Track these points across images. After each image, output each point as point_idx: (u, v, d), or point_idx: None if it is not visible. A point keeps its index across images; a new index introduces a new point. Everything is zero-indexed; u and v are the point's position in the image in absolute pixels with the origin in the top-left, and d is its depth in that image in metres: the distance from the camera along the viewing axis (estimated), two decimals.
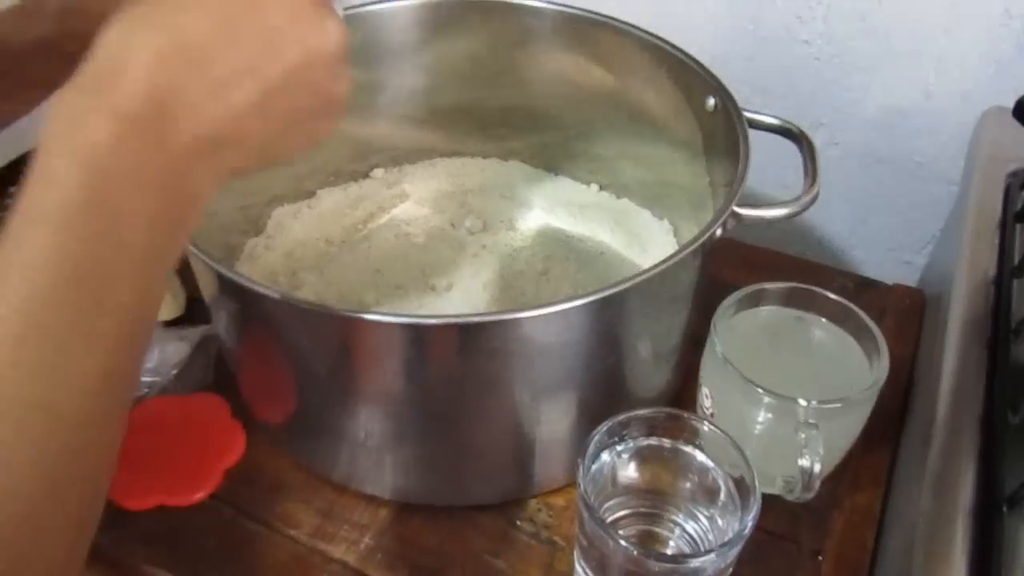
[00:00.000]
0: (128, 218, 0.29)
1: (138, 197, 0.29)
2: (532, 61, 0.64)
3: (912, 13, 0.66)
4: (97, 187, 0.28)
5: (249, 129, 0.32)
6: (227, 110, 0.31)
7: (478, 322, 0.42)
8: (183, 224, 0.32)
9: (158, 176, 0.30)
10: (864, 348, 0.48)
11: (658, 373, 0.52)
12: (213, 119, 0.31)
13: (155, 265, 0.31)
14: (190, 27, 0.30)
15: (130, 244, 0.29)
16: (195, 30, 0.30)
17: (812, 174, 0.48)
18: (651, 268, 0.42)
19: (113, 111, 0.29)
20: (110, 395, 0.30)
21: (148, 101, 0.29)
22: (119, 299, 0.29)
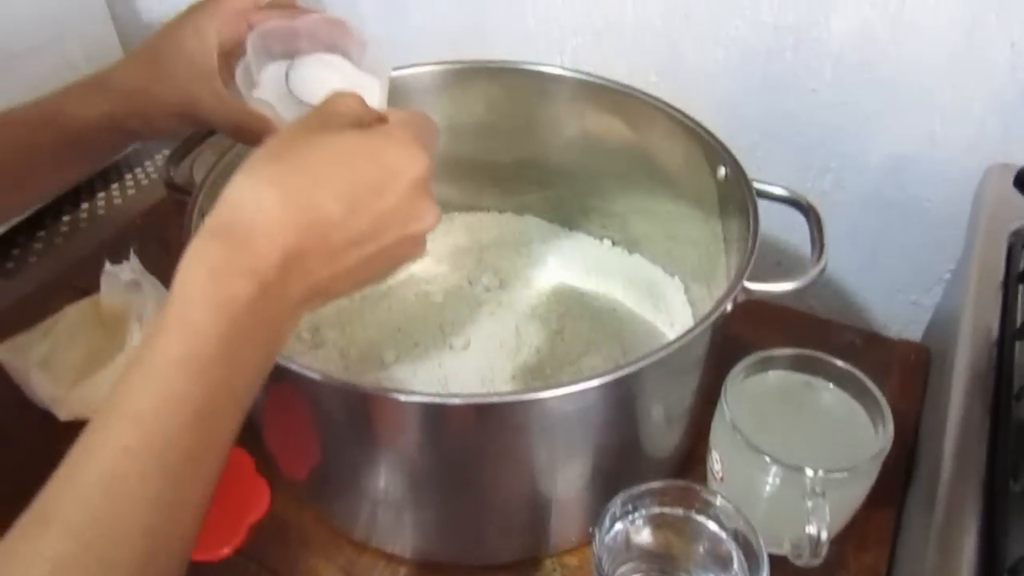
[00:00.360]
0: (244, 367, 0.33)
1: (255, 349, 0.33)
2: (548, 120, 0.66)
3: (918, 64, 0.67)
4: (231, 341, 0.32)
5: (339, 286, 0.37)
6: (330, 274, 0.35)
7: (497, 403, 0.43)
8: (269, 363, 0.36)
9: (272, 329, 0.34)
10: (870, 413, 0.50)
11: (671, 434, 0.54)
12: (321, 280, 0.35)
13: (247, 403, 0.34)
14: (323, 204, 0.34)
15: (240, 388, 0.33)
16: (326, 208, 0.34)
17: (820, 247, 0.49)
18: (665, 347, 0.44)
19: (252, 271, 0.32)
20: (203, 513, 0.33)
21: (279, 266, 0.33)
22: (223, 436, 0.33)
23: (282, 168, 0.35)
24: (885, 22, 0.66)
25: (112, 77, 0.55)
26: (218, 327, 0.31)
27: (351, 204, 0.35)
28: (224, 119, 0.53)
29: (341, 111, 0.39)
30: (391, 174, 0.36)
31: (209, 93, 0.53)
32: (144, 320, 0.59)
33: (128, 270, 0.62)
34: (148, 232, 0.79)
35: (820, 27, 0.69)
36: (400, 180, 0.37)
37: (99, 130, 0.54)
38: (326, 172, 0.35)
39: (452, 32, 0.86)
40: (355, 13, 0.89)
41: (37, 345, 0.60)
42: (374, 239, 0.36)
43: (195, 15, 0.54)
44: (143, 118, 0.54)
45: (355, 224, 0.35)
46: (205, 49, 0.53)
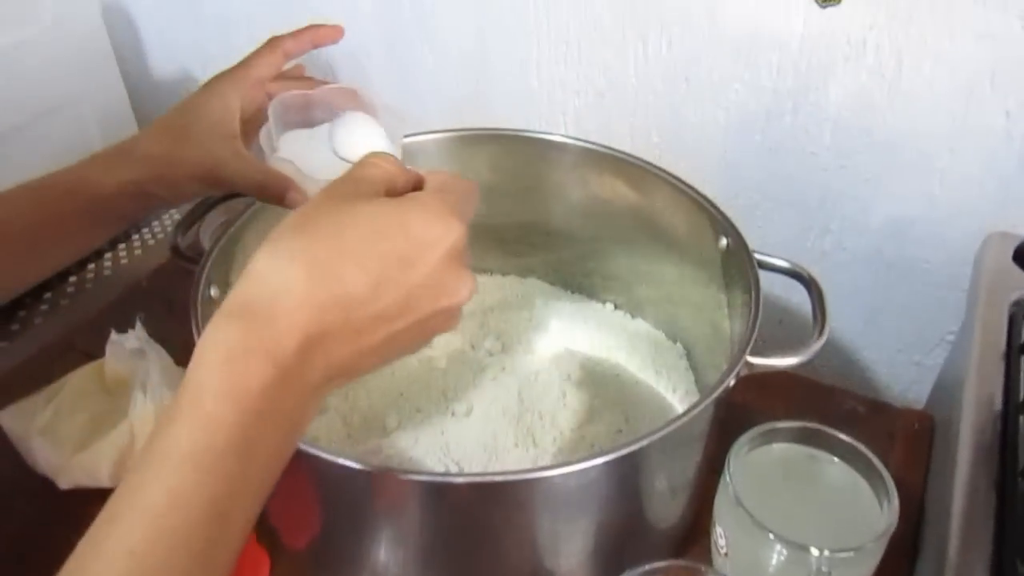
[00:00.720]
0: (260, 457, 0.31)
1: (272, 436, 0.32)
2: (552, 185, 0.67)
3: (916, 129, 0.68)
4: (245, 431, 0.30)
5: (364, 364, 0.35)
6: (355, 352, 0.34)
7: (500, 481, 0.43)
8: (290, 448, 0.34)
9: (290, 414, 0.32)
10: (875, 489, 0.49)
11: (675, 506, 0.54)
12: (344, 359, 0.33)
13: (264, 493, 0.33)
14: (347, 279, 0.33)
15: (257, 479, 0.31)
16: (351, 283, 0.33)
17: (821, 321, 0.50)
18: (668, 423, 0.44)
19: (269, 356, 0.31)
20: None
21: (299, 348, 0.31)
22: (238, 530, 0.31)
23: (305, 241, 0.33)
24: (882, 89, 0.67)
25: (136, 144, 0.56)
26: (232, 416, 0.30)
27: (378, 279, 0.33)
28: (248, 179, 0.54)
29: (373, 176, 0.37)
30: (421, 246, 0.34)
31: (232, 154, 0.55)
32: (148, 388, 0.59)
33: (133, 338, 0.62)
34: (154, 295, 0.79)
35: (818, 92, 0.70)
36: (431, 252, 0.35)
37: (123, 196, 0.56)
38: (352, 244, 0.33)
39: (457, 93, 0.87)
40: (363, 81, 0.91)
41: (40, 411, 0.60)
42: (403, 315, 0.34)
43: (218, 83, 0.56)
44: (167, 182, 0.55)
45: (382, 300, 0.34)
46: (228, 114, 0.55)
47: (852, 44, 0.66)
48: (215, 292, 0.53)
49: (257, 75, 0.57)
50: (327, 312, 0.32)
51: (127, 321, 0.66)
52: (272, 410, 0.31)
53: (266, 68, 0.58)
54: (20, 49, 0.75)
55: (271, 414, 0.31)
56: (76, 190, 0.55)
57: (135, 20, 1.03)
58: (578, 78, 0.80)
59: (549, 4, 0.76)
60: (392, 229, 0.34)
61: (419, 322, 0.35)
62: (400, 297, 0.34)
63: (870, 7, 0.64)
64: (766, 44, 0.69)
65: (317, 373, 0.32)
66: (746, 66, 0.71)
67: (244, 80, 0.57)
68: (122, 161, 0.56)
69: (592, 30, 0.76)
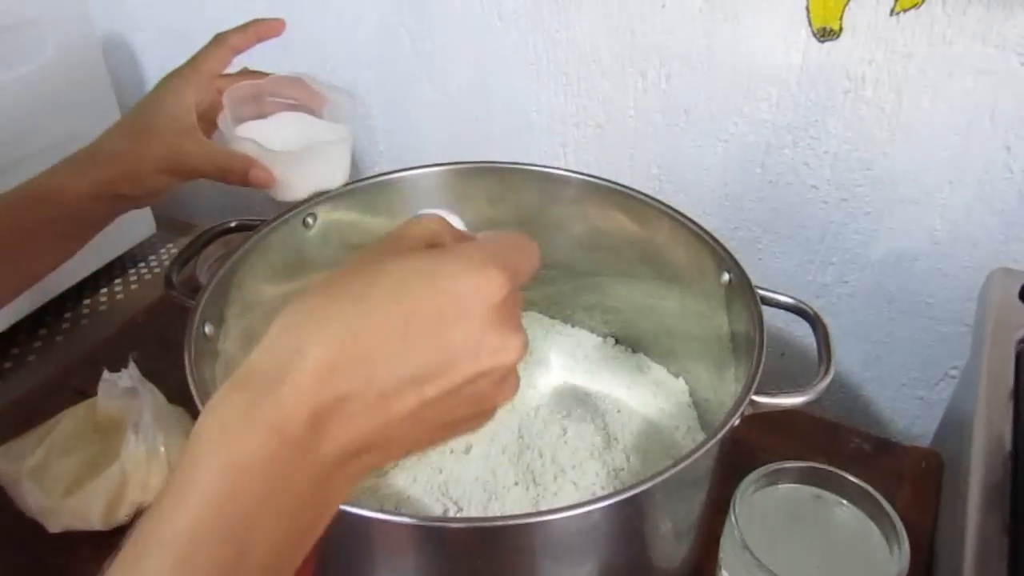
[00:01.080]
0: (261, 545, 0.27)
1: (277, 523, 0.27)
2: (552, 218, 0.66)
3: (916, 163, 0.68)
4: (239, 515, 0.27)
5: (399, 436, 0.30)
6: (383, 421, 0.29)
7: (499, 525, 0.42)
8: (313, 532, 0.30)
9: (298, 495, 0.28)
10: (883, 531, 0.48)
11: (680, 548, 0.52)
12: (366, 430, 0.29)
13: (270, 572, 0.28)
14: (367, 334, 0.28)
15: (259, 567, 0.27)
16: (371, 338, 0.28)
17: (827, 359, 0.49)
18: (672, 465, 0.43)
19: (272, 428, 0.27)
20: None
21: (309, 419, 0.27)
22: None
23: (324, 300, 0.29)
24: (882, 123, 0.67)
25: (100, 146, 0.57)
26: (223, 497, 0.26)
27: (404, 336, 0.29)
28: (211, 163, 0.57)
29: (413, 234, 0.33)
30: (456, 299, 0.30)
31: (193, 142, 0.57)
32: (140, 428, 0.58)
33: (126, 377, 0.61)
34: (149, 331, 0.79)
35: (818, 126, 0.70)
36: (466, 305, 0.30)
37: (91, 199, 0.56)
38: (375, 302, 0.29)
39: (456, 126, 0.87)
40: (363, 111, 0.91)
41: (31, 453, 0.59)
42: (437, 377, 0.29)
43: (171, 81, 0.58)
44: (133, 179, 0.56)
45: (411, 360, 0.29)
46: (184, 109, 0.57)
47: (851, 78, 0.67)
48: (209, 329, 0.53)
49: (207, 69, 0.59)
50: (343, 376, 0.28)
51: (122, 358, 0.65)
52: (277, 490, 0.27)
53: (215, 62, 0.59)
54: (20, 84, 0.75)
55: (276, 495, 0.27)
56: (45, 197, 0.55)
57: (135, 55, 1.04)
58: (577, 110, 0.80)
59: (548, 37, 0.77)
60: (420, 281, 0.30)
61: (460, 387, 0.30)
62: (432, 356, 0.29)
63: (869, 42, 0.64)
64: (765, 77, 0.69)
65: (334, 448, 0.28)
66: (745, 99, 0.71)
67: (195, 75, 0.58)
68: (88, 164, 0.56)
69: (591, 62, 0.76)
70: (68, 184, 0.55)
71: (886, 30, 0.63)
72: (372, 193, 0.64)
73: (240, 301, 0.58)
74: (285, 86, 0.62)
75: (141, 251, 0.92)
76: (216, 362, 0.55)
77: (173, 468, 0.60)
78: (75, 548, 0.58)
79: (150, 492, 0.58)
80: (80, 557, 0.58)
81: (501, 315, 0.30)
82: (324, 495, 0.29)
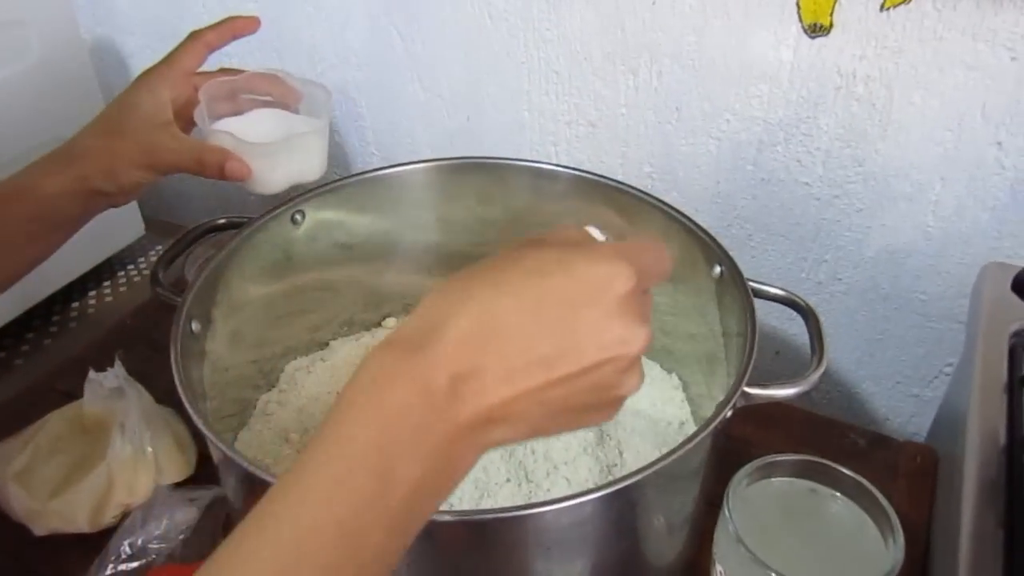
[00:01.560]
0: (401, 484, 0.30)
1: (410, 464, 0.30)
2: (543, 214, 0.66)
3: (907, 160, 0.68)
4: (382, 451, 0.29)
5: (525, 413, 0.32)
6: (512, 395, 0.31)
7: (490, 519, 0.42)
8: (440, 491, 0.32)
9: (433, 447, 0.30)
10: (878, 525, 0.48)
11: (673, 543, 0.52)
12: (496, 402, 0.31)
13: (406, 527, 0.31)
14: (502, 312, 0.31)
15: (395, 509, 0.30)
16: (506, 316, 0.31)
17: (819, 351, 0.49)
18: (664, 456, 0.42)
19: (415, 382, 0.30)
20: None
21: (448, 381, 0.30)
22: (370, 557, 0.30)
23: (471, 280, 0.32)
24: (873, 119, 0.67)
25: (75, 144, 0.57)
26: (369, 433, 0.30)
27: (535, 317, 0.31)
28: (186, 156, 0.57)
29: (555, 236, 0.35)
30: (586, 286, 0.32)
31: (168, 137, 0.57)
32: (126, 428, 0.57)
33: (112, 376, 0.61)
34: (137, 333, 0.78)
35: (809, 123, 0.70)
36: (597, 294, 0.32)
37: (66, 195, 0.56)
38: (513, 283, 0.32)
39: (448, 126, 0.87)
40: (353, 112, 0.91)
41: (17, 455, 0.58)
42: (563, 360, 0.31)
43: (147, 78, 0.59)
44: (110, 174, 0.56)
45: (541, 342, 0.31)
46: (159, 105, 0.57)
47: (842, 75, 0.66)
48: (196, 327, 0.52)
49: (182, 66, 0.59)
50: (479, 348, 0.31)
51: (109, 361, 0.64)
52: (414, 436, 0.30)
53: (190, 59, 0.59)
54: (6, 87, 0.75)
55: (414, 443, 0.30)
56: (19, 195, 0.55)
57: (124, 58, 1.03)
58: (569, 109, 0.79)
59: (539, 36, 0.76)
60: (554, 268, 0.32)
61: (585, 372, 0.32)
62: (560, 339, 0.31)
63: (860, 38, 0.64)
64: (756, 74, 0.69)
65: (468, 412, 0.31)
66: (737, 97, 0.71)
67: (170, 71, 0.58)
68: (63, 161, 0.56)
69: (583, 61, 0.76)
70: (43, 181, 0.55)
71: (877, 26, 0.63)
72: (360, 190, 0.63)
73: (227, 300, 0.57)
74: (261, 82, 0.62)
75: (130, 253, 0.91)
76: (204, 362, 0.54)
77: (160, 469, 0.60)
78: (61, 551, 0.58)
79: (137, 494, 0.58)
80: (66, 560, 0.57)
81: (628, 306, 0.32)
82: (456, 456, 0.31)
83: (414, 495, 0.30)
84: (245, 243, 0.58)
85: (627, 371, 0.33)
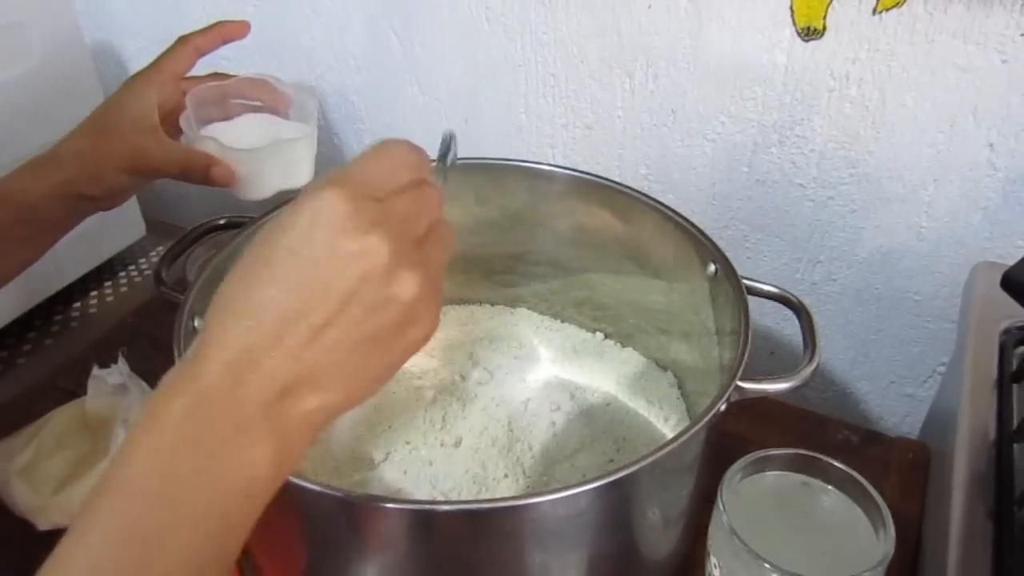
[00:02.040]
0: (191, 481, 0.30)
1: (206, 462, 0.30)
2: (540, 214, 0.67)
3: (900, 161, 0.69)
4: (167, 454, 0.30)
5: (321, 367, 0.32)
6: (288, 357, 0.31)
7: (488, 509, 0.42)
8: (250, 475, 0.31)
9: (229, 439, 0.30)
10: (870, 518, 0.48)
11: (668, 537, 0.53)
12: (276, 371, 0.31)
13: (221, 524, 0.31)
14: (241, 291, 0.32)
15: (188, 504, 0.30)
16: (245, 292, 0.32)
17: (812, 347, 0.49)
18: (659, 448, 0.43)
19: (190, 379, 0.31)
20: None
21: (220, 370, 0.31)
22: (171, 558, 0.29)
23: (222, 284, 0.33)
24: (866, 121, 0.68)
25: (61, 148, 0.57)
26: (150, 439, 0.30)
27: (270, 280, 0.31)
28: (171, 161, 0.57)
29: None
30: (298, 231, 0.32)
31: (154, 141, 0.57)
32: (130, 423, 0.58)
33: (116, 373, 0.61)
34: (139, 331, 0.79)
35: (803, 125, 0.71)
36: (309, 231, 0.32)
37: (52, 200, 0.56)
38: (244, 261, 0.33)
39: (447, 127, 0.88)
40: (352, 115, 0.92)
41: (20, 452, 0.59)
42: (316, 304, 0.31)
43: (134, 82, 0.58)
44: (95, 177, 0.56)
45: (283, 299, 0.31)
46: (146, 109, 0.57)
47: (836, 77, 0.67)
48: (198, 323, 0.53)
49: (171, 70, 0.59)
50: (235, 331, 0.31)
51: (111, 359, 0.65)
52: (200, 435, 0.30)
53: (179, 63, 0.59)
54: (7, 89, 0.75)
55: (200, 439, 0.30)
56: (4, 200, 0.55)
57: (124, 63, 1.04)
58: (566, 112, 0.80)
59: (536, 39, 0.77)
60: (271, 230, 0.32)
61: (348, 302, 0.32)
62: (301, 288, 0.31)
63: (852, 41, 0.65)
64: (751, 77, 0.70)
65: (253, 391, 0.31)
66: (731, 99, 0.72)
67: (157, 75, 0.58)
68: (49, 164, 0.56)
69: (579, 64, 0.77)
70: (29, 185, 0.55)
71: (869, 29, 0.64)
72: None
73: None
74: (250, 88, 0.61)
75: (130, 254, 0.92)
76: None
77: None
78: None
79: None
80: None
81: (349, 221, 0.32)
82: (254, 439, 0.31)
83: (210, 489, 0.30)
84: (246, 242, 0.59)
85: (391, 278, 0.32)
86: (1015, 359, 0.55)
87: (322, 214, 0.32)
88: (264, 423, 0.31)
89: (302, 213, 0.32)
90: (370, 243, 0.32)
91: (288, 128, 0.61)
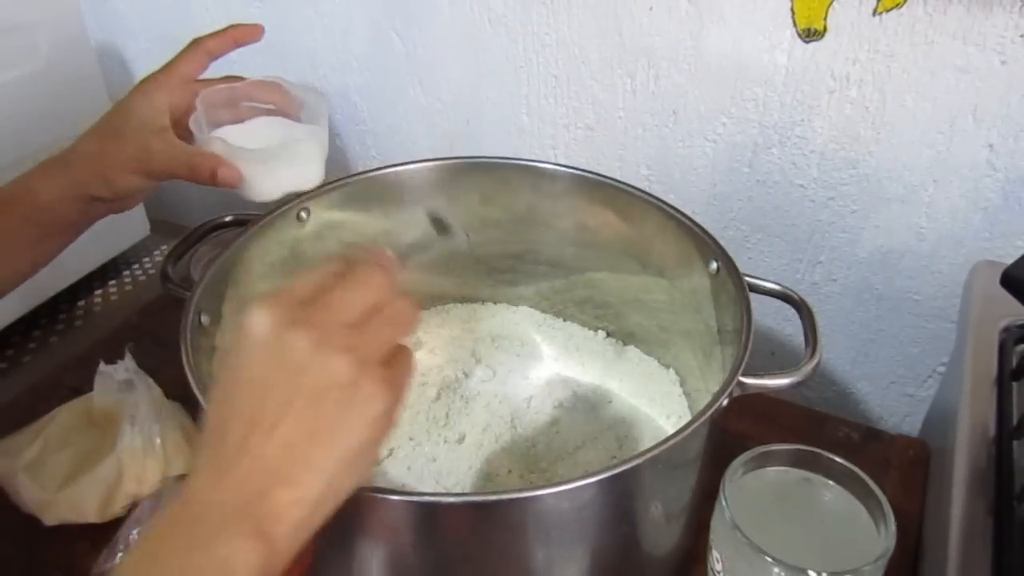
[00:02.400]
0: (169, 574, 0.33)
1: (182, 557, 0.33)
2: (542, 213, 0.67)
3: (901, 162, 0.69)
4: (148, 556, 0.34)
5: (281, 464, 0.34)
6: (251, 461, 0.34)
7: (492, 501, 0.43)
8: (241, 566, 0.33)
9: (206, 538, 0.33)
10: (871, 512, 0.49)
11: (670, 532, 0.53)
12: (249, 472, 0.34)
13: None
14: (215, 413, 0.36)
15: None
16: (209, 418, 0.36)
17: (813, 343, 0.50)
18: (662, 442, 0.44)
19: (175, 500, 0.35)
20: None
21: (192, 476, 0.35)
22: None
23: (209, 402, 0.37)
24: (866, 121, 0.69)
25: (72, 150, 0.58)
26: (141, 541, 0.35)
27: (228, 400, 0.35)
28: (179, 163, 0.57)
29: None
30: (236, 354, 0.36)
31: (163, 143, 0.57)
32: (136, 420, 0.58)
33: (123, 369, 0.62)
34: (144, 330, 0.79)
35: (804, 126, 0.71)
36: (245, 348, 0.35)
37: (64, 201, 0.57)
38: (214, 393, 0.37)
39: (448, 130, 0.88)
40: (355, 116, 0.92)
41: (26, 448, 0.59)
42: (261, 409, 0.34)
43: (145, 85, 0.59)
44: (103, 179, 0.57)
45: (238, 410, 0.35)
46: (156, 112, 0.57)
47: (836, 78, 0.68)
48: (205, 319, 0.53)
49: (182, 73, 0.59)
50: (209, 447, 0.35)
51: (116, 357, 0.65)
52: (182, 534, 0.34)
53: (190, 66, 0.59)
54: (14, 90, 0.76)
55: (181, 537, 0.33)
56: (16, 200, 0.56)
57: (129, 64, 1.05)
58: (567, 112, 0.81)
59: (537, 40, 0.78)
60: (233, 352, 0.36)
61: (288, 398, 0.34)
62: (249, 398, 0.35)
63: (853, 42, 0.66)
64: (752, 78, 0.71)
65: (227, 494, 0.34)
66: (732, 100, 0.73)
67: (168, 78, 0.58)
68: (60, 166, 0.57)
69: (580, 65, 0.77)
70: (40, 186, 0.56)
71: (869, 30, 0.65)
72: (365, 189, 0.65)
73: (236, 296, 0.58)
74: (261, 90, 0.61)
75: (135, 253, 0.92)
76: (212, 357, 0.55)
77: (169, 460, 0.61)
78: (71, 541, 0.58)
79: (146, 484, 0.59)
80: (75, 550, 0.58)
81: (267, 330, 0.35)
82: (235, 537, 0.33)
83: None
84: (251, 240, 0.59)
85: (323, 367, 0.34)
86: (1015, 357, 0.56)
87: (248, 331, 0.35)
88: (242, 522, 0.33)
89: (237, 338, 0.36)
90: (289, 340, 0.34)
91: (299, 130, 0.61)
